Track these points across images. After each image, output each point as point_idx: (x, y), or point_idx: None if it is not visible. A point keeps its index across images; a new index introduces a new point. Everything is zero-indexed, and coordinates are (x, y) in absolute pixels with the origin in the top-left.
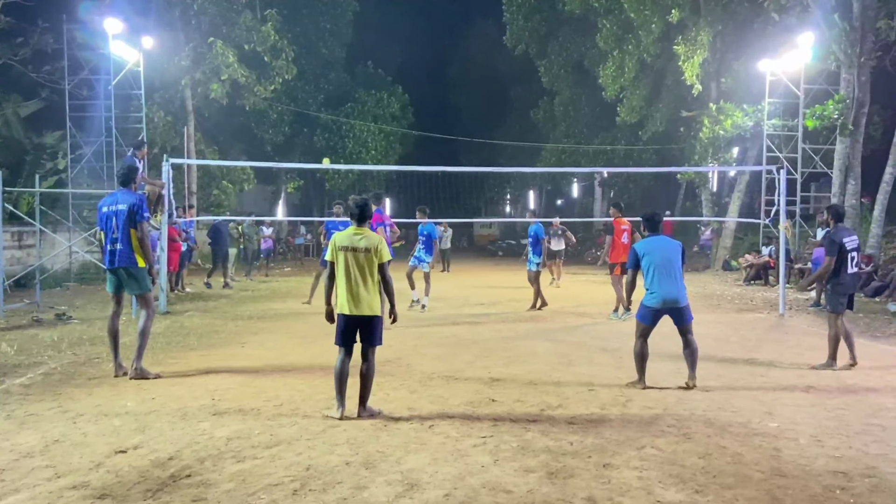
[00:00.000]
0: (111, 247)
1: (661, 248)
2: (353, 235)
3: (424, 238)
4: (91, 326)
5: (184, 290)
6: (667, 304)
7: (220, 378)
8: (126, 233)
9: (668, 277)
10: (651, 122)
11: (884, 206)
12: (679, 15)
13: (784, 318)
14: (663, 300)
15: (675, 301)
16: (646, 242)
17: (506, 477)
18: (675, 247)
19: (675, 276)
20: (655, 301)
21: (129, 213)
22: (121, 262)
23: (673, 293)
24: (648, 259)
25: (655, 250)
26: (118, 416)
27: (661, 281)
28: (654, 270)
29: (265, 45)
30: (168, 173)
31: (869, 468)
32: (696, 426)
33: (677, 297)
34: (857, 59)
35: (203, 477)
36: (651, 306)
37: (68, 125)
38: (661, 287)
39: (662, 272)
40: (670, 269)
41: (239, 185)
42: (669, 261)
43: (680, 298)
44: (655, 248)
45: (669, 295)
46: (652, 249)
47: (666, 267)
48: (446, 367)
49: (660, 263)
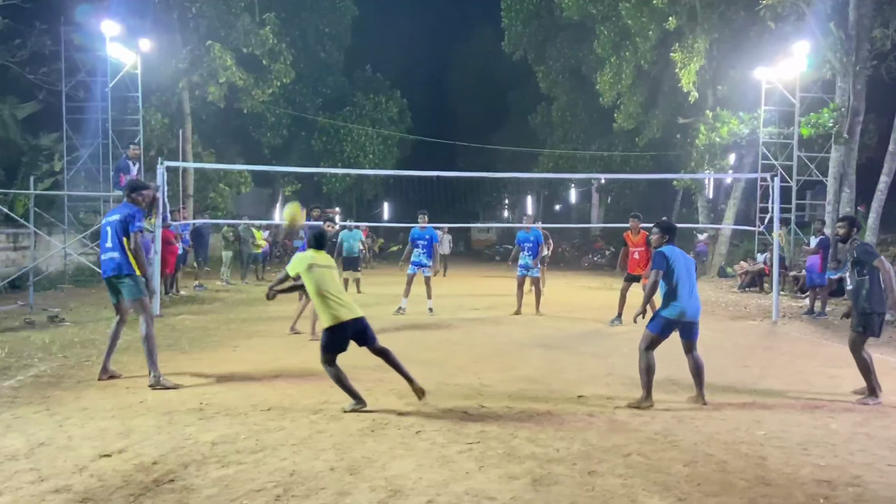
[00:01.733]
0: (105, 256)
1: (682, 258)
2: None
3: (426, 242)
4: (83, 329)
5: (178, 293)
6: (686, 318)
7: (209, 382)
8: (119, 242)
9: (692, 290)
10: (648, 129)
11: (878, 214)
12: (676, 22)
13: (777, 325)
14: (685, 313)
15: (695, 316)
16: (670, 249)
17: (490, 484)
18: (692, 260)
19: (695, 289)
20: (677, 313)
21: (122, 222)
22: (115, 270)
23: (695, 307)
24: (676, 268)
25: (680, 259)
26: (105, 420)
27: (687, 293)
28: (680, 281)
29: (263, 48)
30: (162, 176)
31: (854, 477)
32: (683, 433)
33: (697, 312)
34: (852, 68)
35: (186, 482)
36: (671, 318)
37: (64, 127)
38: (687, 300)
39: (687, 284)
40: (692, 282)
41: (236, 187)
42: (691, 273)
43: (698, 313)
44: (679, 257)
45: (692, 308)
46: (677, 258)
47: (690, 279)
48: (437, 371)
49: (684, 274)
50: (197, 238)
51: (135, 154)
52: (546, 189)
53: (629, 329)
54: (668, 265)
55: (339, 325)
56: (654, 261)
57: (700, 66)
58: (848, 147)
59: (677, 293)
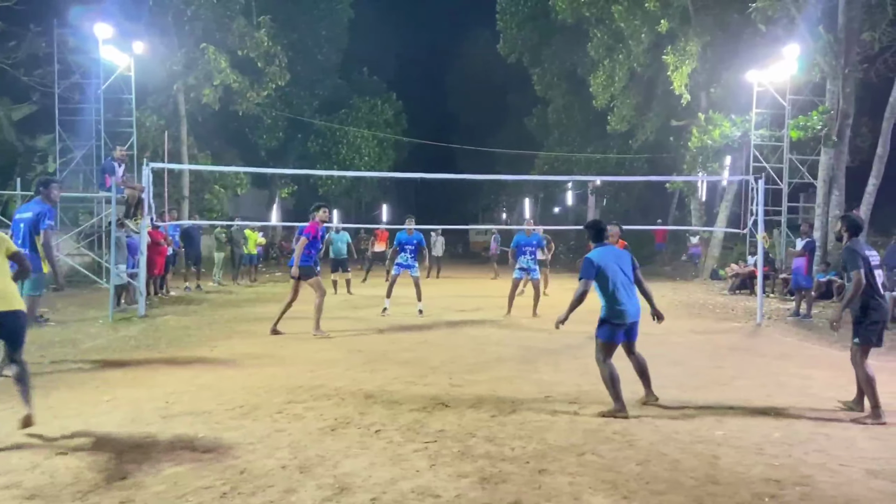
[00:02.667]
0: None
1: (614, 259)
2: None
3: (413, 247)
4: (66, 329)
5: (168, 294)
6: (629, 319)
7: (180, 381)
8: (31, 239)
9: (628, 290)
10: (641, 131)
11: (867, 217)
12: (668, 25)
13: (761, 327)
14: (627, 314)
15: (636, 315)
16: (599, 253)
17: (438, 482)
18: (627, 256)
19: (633, 288)
20: (622, 317)
21: (34, 220)
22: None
23: (636, 307)
24: (608, 272)
25: (611, 262)
26: (68, 419)
27: (625, 294)
28: (616, 284)
29: (258, 51)
30: (148, 177)
31: (804, 477)
32: (642, 433)
33: (638, 311)
34: (841, 71)
35: (136, 479)
36: (616, 321)
37: (58, 129)
38: (627, 300)
39: (623, 285)
40: (629, 281)
41: (232, 189)
42: (626, 271)
43: (638, 312)
44: (611, 259)
45: (632, 308)
46: (608, 261)
47: (625, 278)
48: (410, 372)
49: (620, 276)
50: (187, 239)
51: (121, 155)
52: (543, 191)
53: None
54: (597, 272)
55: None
56: (582, 269)
57: (692, 69)
58: (837, 150)
59: (615, 297)
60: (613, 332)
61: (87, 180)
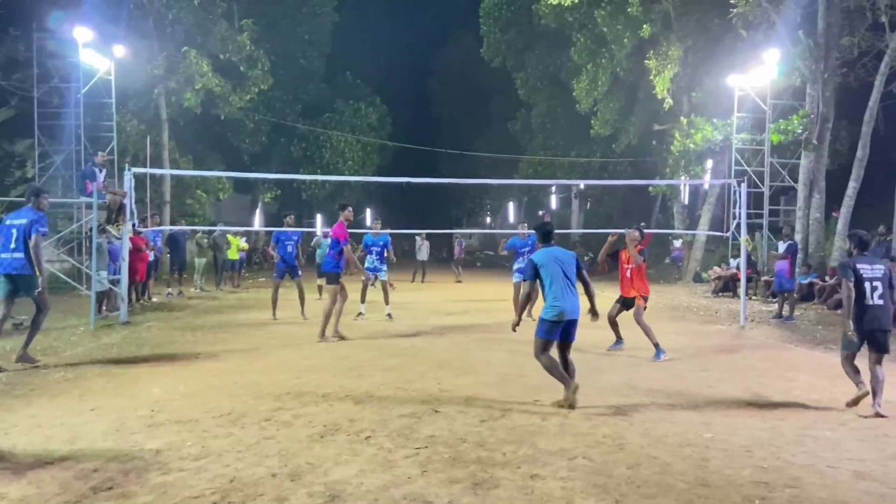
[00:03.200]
0: (7, 255)
1: (557, 258)
2: None
3: (379, 249)
4: (46, 336)
5: (150, 300)
6: (567, 317)
7: (164, 389)
8: (24, 244)
9: (567, 289)
10: (624, 135)
11: (847, 220)
12: (650, 30)
13: (744, 329)
14: (564, 312)
15: (574, 313)
16: (541, 254)
17: (430, 488)
18: (571, 257)
19: (573, 288)
20: (557, 313)
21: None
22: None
23: (573, 305)
24: (548, 272)
25: (551, 262)
26: (52, 428)
27: (563, 293)
28: (554, 283)
29: (241, 54)
30: (130, 182)
31: (792, 479)
32: (631, 436)
33: (576, 310)
34: (821, 75)
35: (124, 489)
36: (553, 319)
37: (37, 134)
38: (563, 299)
39: (562, 284)
40: (569, 280)
41: (214, 194)
42: (567, 272)
43: (577, 311)
44: (551, 259)
45: (570, 306)
46: (549, 262)
47: (565, 278)
48: (397, 377)
49: (559, 275)
50: (173, 245)
51: (102, 160)
52: (527, 195)
53: (597, 335)
54: (536, 273)
55: None
56: (525, 270)
57: (674, 74)
58: (817, 153)
59: (554, 295)
60: (551, 330)
61: (67, 185)
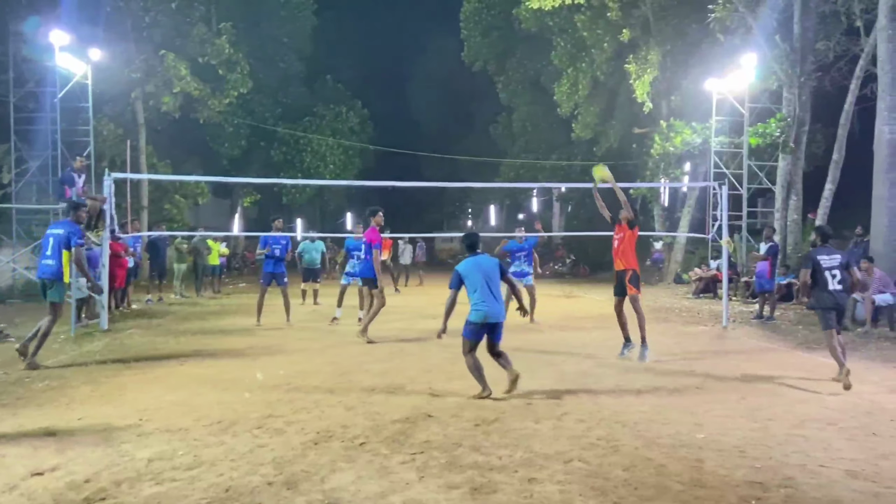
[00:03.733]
0: (44, 261)
1: (478, 268)
2: None
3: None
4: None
5: (129, 307)
6: (490, 320)
7: (152, 397)
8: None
9: (489, 295)
10: (605, 139)
11: (823, 221)
12: (630, 35)
13: (727, 330)
14: (488, 315)
15: (497, 317)
16: (465, 263)
17: (428, 494)
18: (494, 264)
19: (497, 293)
20: (481, 317)
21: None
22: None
23: (496, 309)
24: (471, 279)
25: (474, 270)
26: (40, 438)
27: (485, 298)
28: (478, 289)
29: (219, 58)
30: (110, 188)
31: (786, 478)
32: (625, 438)
33: (499, 314)
34: (797, 79)
35: (118, 500)
36: (477, 321)
37: (13, 139)
38: (483, 303)
39: (485, 289)
40: (492, 286)
41: (192, 199)
42: (490, 278)
43: (500, 315)
44: (474, 268)
45: (493, 311)
46: (471, 270)
47: (488, 284)
48: (388, 382)
49: (480, 282)
50: (153, 251)
51: (80, 165)
52: (508, 199)
53: (584, 338)
54: (460, 281)
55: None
56: (451, 280)
57: (654, 78)
58: (794, 156)
59: (476, 301)
60: (475, 331)
61: (42, 191)
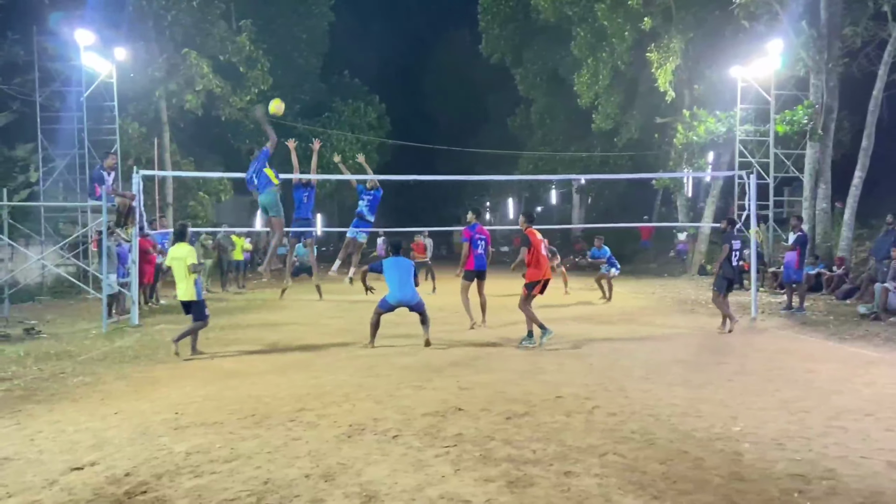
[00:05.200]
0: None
1: (397, 266)
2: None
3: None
4: (59, 341)
5: (158, 303)
6: (403, 303)
7: (185, 391)
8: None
9: (402, 285)
10: (626, 129)
11: (853, 210)
12: (651, 23)
13: (755, 321)
14: (400, 301)
15: (409, 301)
16: (388, 262)
17: (465, 487)
18: (407, 264)
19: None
20: (395, 301)
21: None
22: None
23: (407, 295)
24: (389, 273)
25: (393, 267)
26: (77, 433)
27: (398, 287)
28: (391, 281)
29: (240, 55)
30: (139, 185)
31: (827, 471)
32: (660, 432)
33: (409, 298)
34: (824, 66)
35: (159, 493)
36: (392, 302)
37: (39, 138)
38: (399, 291)
39: (396, 282)
40: (402, 279)
41: (215, 196)
42: (402, 274)
43: (411, 299)
44: (394, 265)
45: (404, 296)
46: (391, 266)
47: (400, 278)
48: (415, 376)
49: (395, 276)
50: None
51: (110, 164)
52: (527, 191)
53: (610, 331)
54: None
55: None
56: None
57: (676, 66)
58: (822, 144)
59: (393, 288)
60: (388, 307)
61: (69, 189)
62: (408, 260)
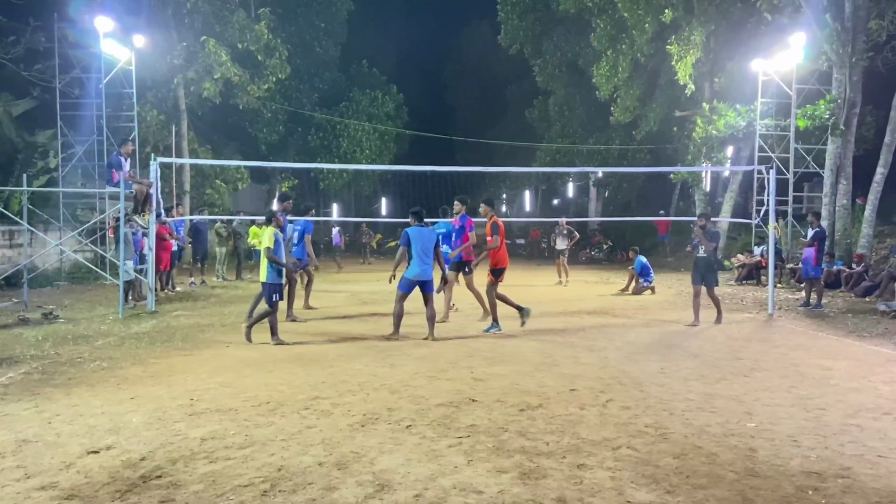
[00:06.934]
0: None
1: (422, 236)
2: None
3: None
4: (77, 326)
5: (174, 290)
6: (421, 277)
7: (200, 378)
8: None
9: (425, 259)
10: (645, 122)
11: (874, 206)
12: (672, 15)
13: (773, 318)
14: (420, 274)
15: (425, 276)
16: (412, 230)
17: (478, 478)
18: (432, 235)
19: (426, 257)
20: (412, 275)
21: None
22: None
23: (426, 271)
24: (415, 244)
25: (418, 238)
26: (94, 417)
27: (421, 261)
28: (415, 253)
29: (258, 44)
30: (156, 172)
31: (843, 469)
32: (674, 426)
33: (426, 273)
34: (848, 60)
35: (173, 478)
36: (411, 278)
37: (59, 124)
38: (420, 266)
39: (421, 254)
40: (426, 253)
41: (233, 184)
42: (426, 247)
43: (427, 274)
44: (418, 236)
45: (425, 271)
46: (416, 237)
47: (424, 251)
48: (429, 367)
49: (420, 248)
50: (195, 235)
51: (128, 150)
52: (544, 184)
53: (625, 322)
54: (409, 241)
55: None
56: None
57: (696, 59)
58: (844, 139)
59: (414, 261)
60: (408, 285)
61: (88, 175)
62: (430, 230)
